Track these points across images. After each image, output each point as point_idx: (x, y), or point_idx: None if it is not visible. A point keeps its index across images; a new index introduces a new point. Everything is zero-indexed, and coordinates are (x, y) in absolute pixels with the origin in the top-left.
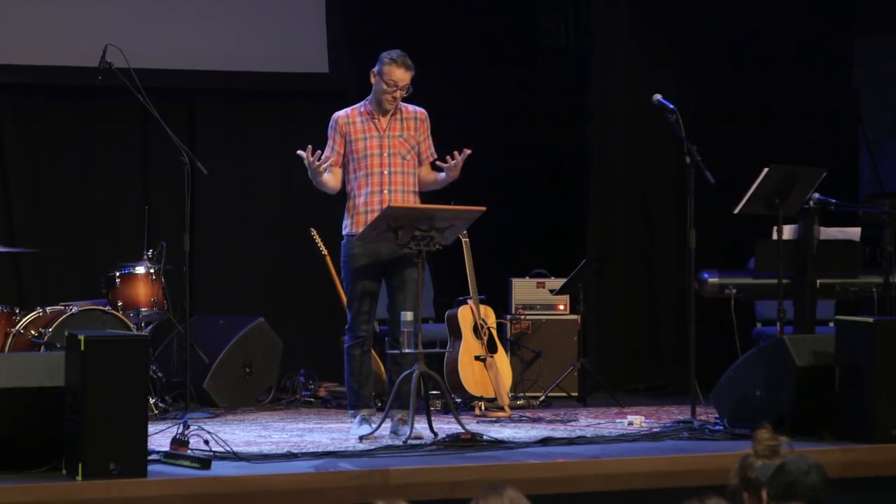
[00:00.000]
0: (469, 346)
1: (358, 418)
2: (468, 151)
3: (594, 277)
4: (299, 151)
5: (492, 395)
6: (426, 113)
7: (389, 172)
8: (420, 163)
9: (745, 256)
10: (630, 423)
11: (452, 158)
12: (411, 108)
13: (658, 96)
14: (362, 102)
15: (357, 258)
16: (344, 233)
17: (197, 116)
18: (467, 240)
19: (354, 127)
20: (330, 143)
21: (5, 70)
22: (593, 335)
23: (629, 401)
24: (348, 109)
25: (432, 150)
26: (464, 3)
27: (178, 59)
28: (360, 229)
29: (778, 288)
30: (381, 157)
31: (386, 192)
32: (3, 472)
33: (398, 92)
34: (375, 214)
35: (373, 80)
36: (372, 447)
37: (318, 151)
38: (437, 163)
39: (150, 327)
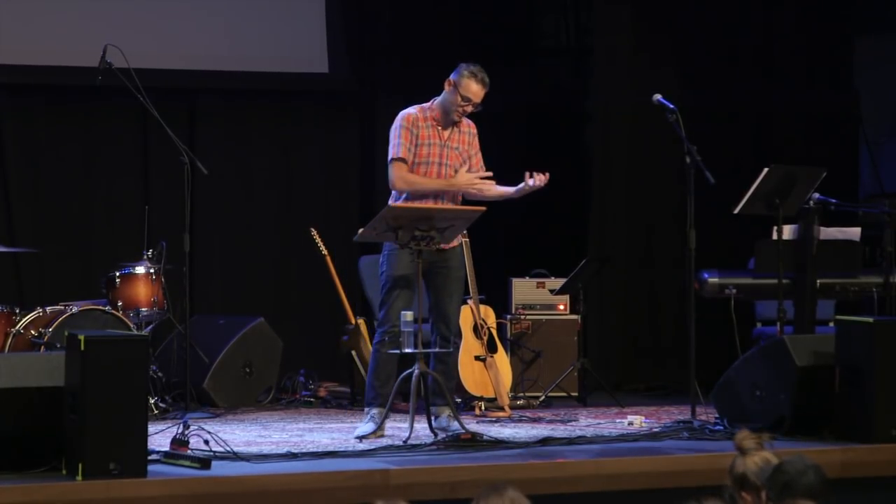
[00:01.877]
0: (469, 346)
1: (368, 415)
2: (544, 178)
3: (594, 277)
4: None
5: (492, 395)
6: (476, 127)
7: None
8: None
9: (745, 256)
10: (630, 423)
11: (530, 176)
12: (465, 120)
13: (658, 96)
14: (427, 105)
15: (398, 259)
16: None
17: (197, 116)
18: (467, 240)
19: (422, 130)
20: (402, 140)
21: (5, 70)
22: (593, 335)
23: (629, 401)
24: (416, 109)
25: (482, 163)
26: (464, 3)
27: (178, 59)
28: None
29: (778, 288)
30: (440, 166)
31: (440, 201)
32: (3, 472)
33: (470, 107)
34: None
35: (447, 87)
36: (372, 447)
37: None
38: (527, 177)
39: (150, 327)
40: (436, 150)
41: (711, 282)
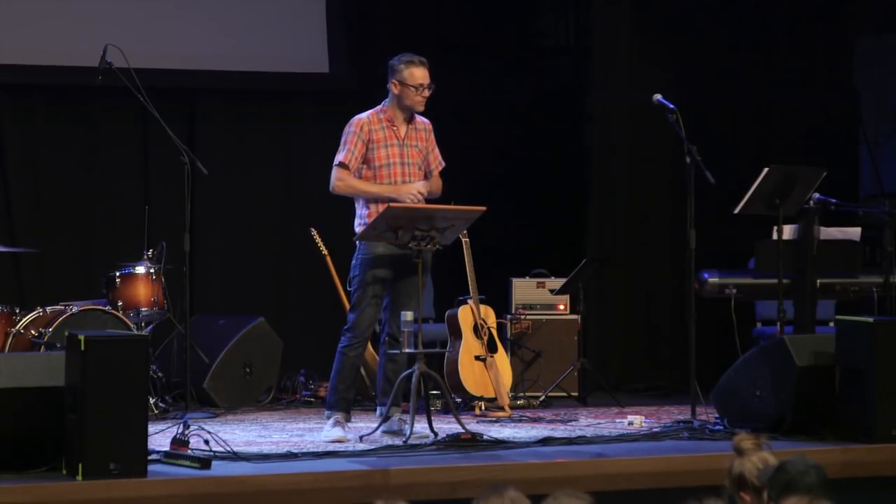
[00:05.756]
0: (469, 346)
1: (332, 420)
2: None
3: (594, 277)
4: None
5: (492, 395)
6: (431, 124)
7: (410, 182)
8: (428, 174)
9: (745, 256)
10: (630, 423)
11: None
12: (419, 118)
13: (658, 96)
14: (380, 107)
15: (376, 263)
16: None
17: (197, 116)
18: (467, 240)
19: (377, 133)
20: (350, 146)
21: (5, 70)
22: (593, 335)
23: (629, 401)
24: (369, 113)
25: (440, 160)
26: (464, 3)
27: (178, 59)
28: None
29: (778, 288)
30: (403, 166)
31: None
32: (3, 472)
33: (427, 91)
34: None
35: (395, 89)
36: (372, 447)
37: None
38: None
39: (150, 327)
40: (395, 151)
41: (711, 282)
